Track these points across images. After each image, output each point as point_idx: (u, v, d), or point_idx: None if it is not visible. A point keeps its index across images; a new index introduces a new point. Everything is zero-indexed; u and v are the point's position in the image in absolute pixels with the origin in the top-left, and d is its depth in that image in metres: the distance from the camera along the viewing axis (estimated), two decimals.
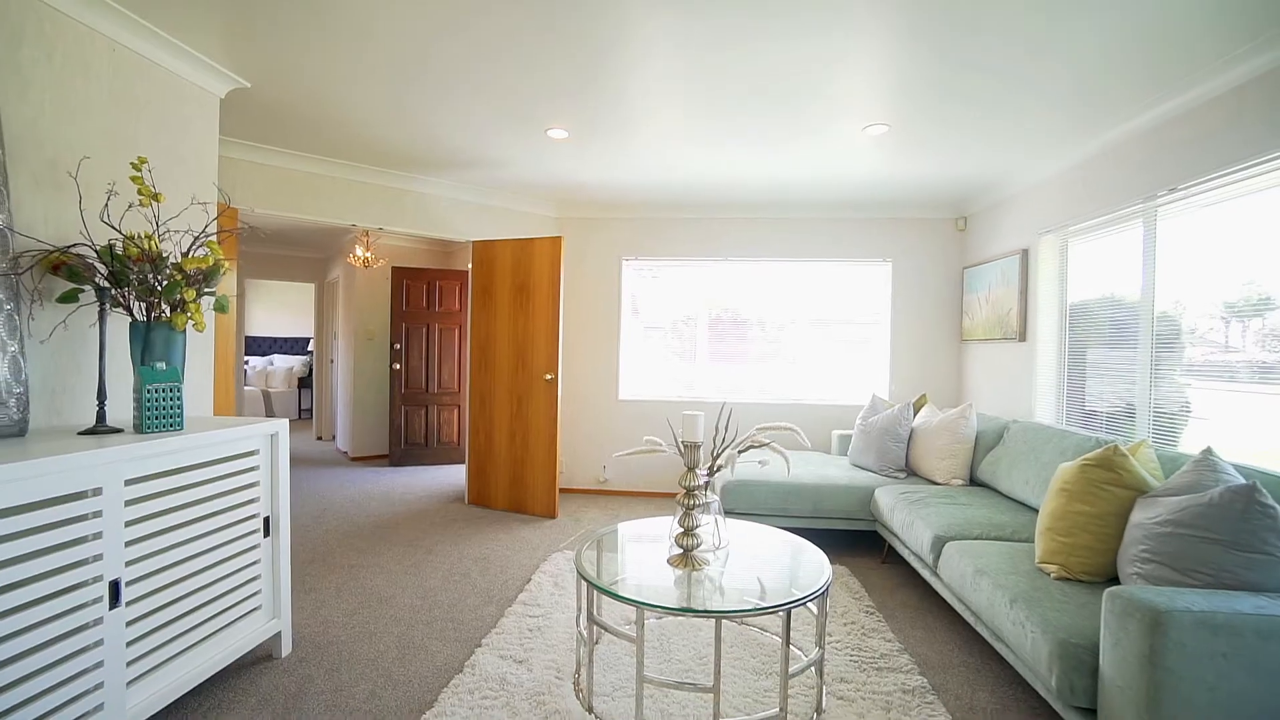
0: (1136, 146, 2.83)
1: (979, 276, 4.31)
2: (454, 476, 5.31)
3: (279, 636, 2.21)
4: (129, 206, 2.04)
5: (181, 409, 1.89)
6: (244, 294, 7.50)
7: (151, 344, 1.93)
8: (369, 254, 5.02)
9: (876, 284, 4.76)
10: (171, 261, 1.94)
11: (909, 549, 2.87)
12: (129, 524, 1.62)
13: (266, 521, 2.15)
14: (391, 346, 5.80)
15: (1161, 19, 1.97)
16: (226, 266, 2.07)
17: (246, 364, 9.10)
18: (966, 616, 2.26)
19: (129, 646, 1.62)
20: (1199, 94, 2.43)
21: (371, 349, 6.14)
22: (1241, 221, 2.39)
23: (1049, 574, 2.01)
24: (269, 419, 2.16)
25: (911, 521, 2.80)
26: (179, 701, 1.89)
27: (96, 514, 1.53)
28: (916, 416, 3.77)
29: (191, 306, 1.94)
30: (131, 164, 1.95)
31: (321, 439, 7.16)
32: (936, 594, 2.90)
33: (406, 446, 5.81)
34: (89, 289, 1.88)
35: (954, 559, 2.35)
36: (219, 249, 1.98)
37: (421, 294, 5.87)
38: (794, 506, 3.41)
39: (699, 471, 2.06)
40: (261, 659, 2.18)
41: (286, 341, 10.25)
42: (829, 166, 3.62)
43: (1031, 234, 3.71)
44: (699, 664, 2.18)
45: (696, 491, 2.04)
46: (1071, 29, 2.05)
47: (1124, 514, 1.89)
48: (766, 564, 2.04)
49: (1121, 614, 1.44)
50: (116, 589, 1.58)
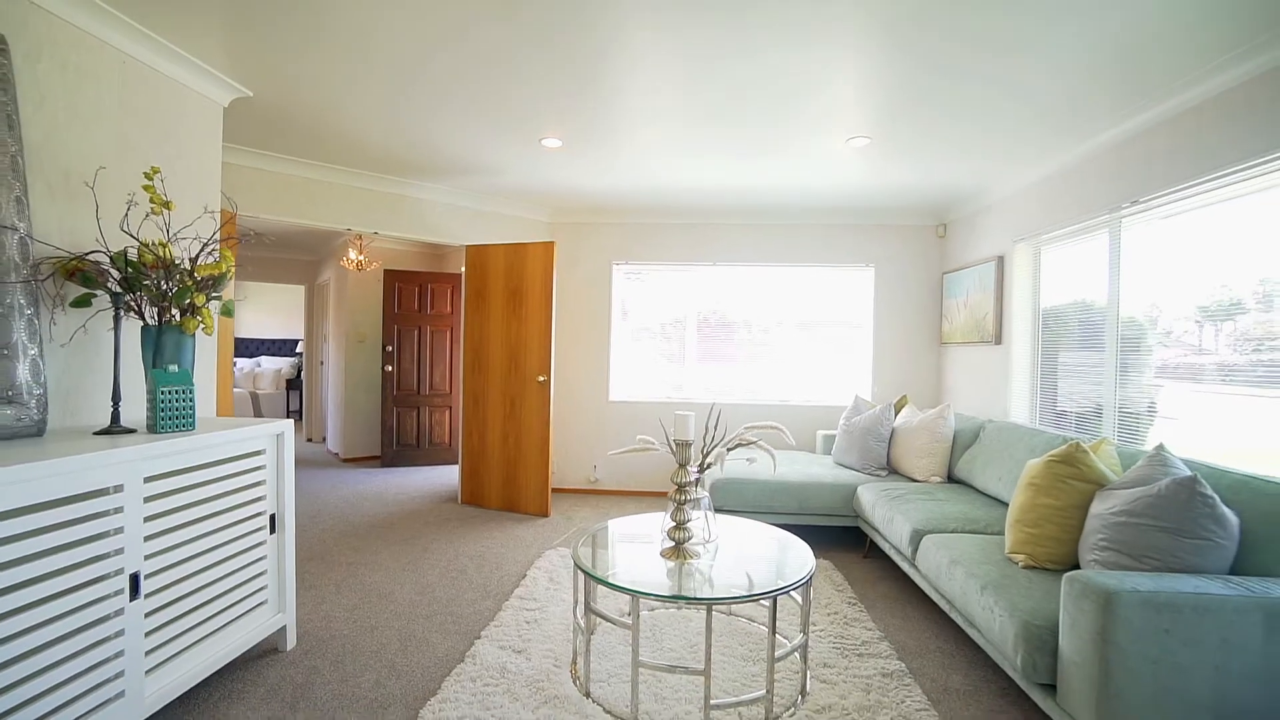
0: (1102, 161, 3.00)
1: (958, 282, 4.47)
2: (446, 477, 5.38)
3: (284, 630, 2.28)
4: (145, 216, 2.11)
5: (193, 410, 1.96)
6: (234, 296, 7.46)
7: (162, 347, 2.00)
8: (362, 257, 5.07)
9: (860, 288, 4.91)
10: (182, 267, 2.01)
11: (889, 543, 3.01)
12: (147, 519, 1.70)
13: (272, 519, 2.23)
14: (384, 348, 5.85)
15: (1122, 47, 2.12)
16: (233, 272, 2.15)
17: (235, 365, 9.07)
18: (942, 605, 2.40)
19: (147, 637, 1.69)
20: (1160, 112, 2.59)
21: (363, 351, 6.19)
22: (1199, 232, 2.55)
23: (1017, 563, 2.14)
24: (274, 420, 2.24)
25: (892, 517, 2.94)
26: (191, 692, 1.96)
27: (118, 510, 1.61)
28: (897, 417, 3.91)
29: (203, 311, 2.01)
30: (144, 174, 2.02)
31: (312, 440, 7.18)
32: (915, 585, 3.03)
33: (398, 447, 5.86)
34: (100, 294, 1.95)
35: (931, 551, 2.48)
36: (231, 256, 2.05)
37: (413, 297, 5.93)
38: (780, 504, 3.54)
39: (690, 469, 2.17)
40: (268, 652, 2.25)
41: (274, 343, 10.22)
42: (814, 175, 3.76)
43: (1007, 241, 3.87)
44: (690, 652, 2.29)
45: (688, 487, 2.15)
46: (1042, 57, 2.19)
47: (1085, 506, 2.03)
48: (754, 556, 2.15)
49: (1078, 596, 1.57)
50: (136, 582, 1.65)
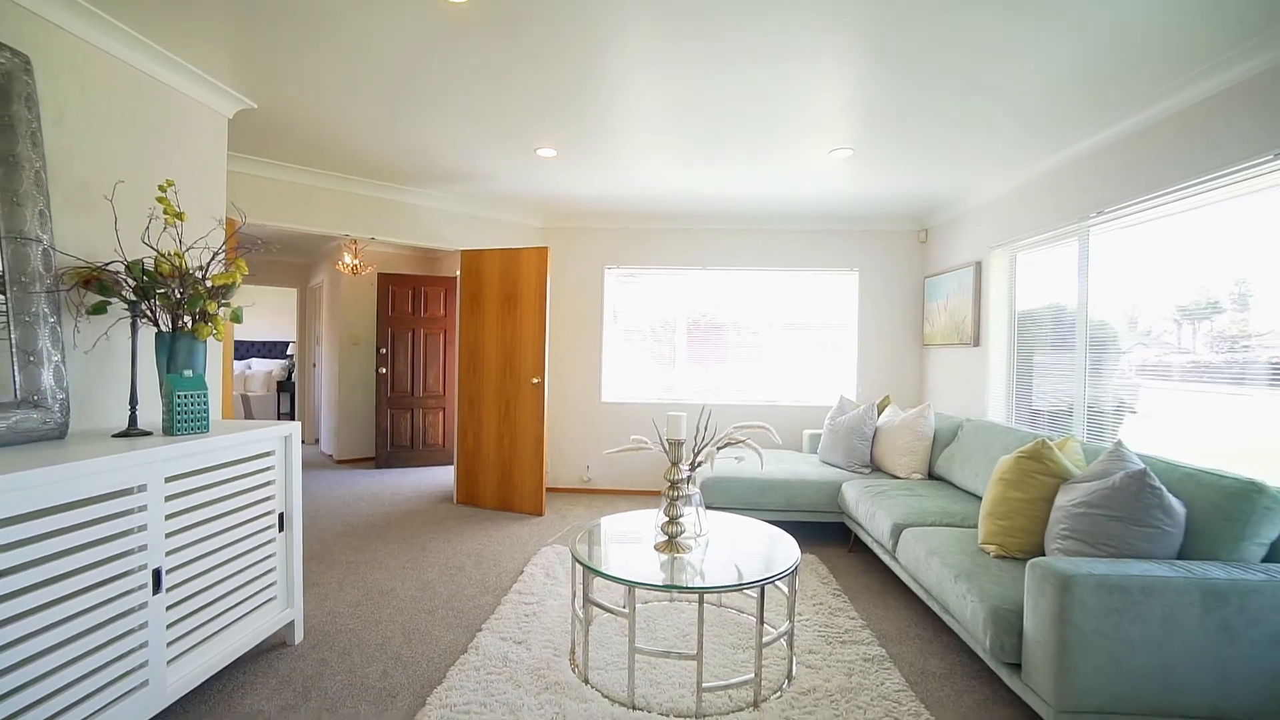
0: (1070, 173, 3.16)
1: (938, 286, 4.63)
2: (440, 477, 5.46)
3: (292, 625, 2.37)
4: (162, 229, 2.19)
5: (208, 413, 2.05)
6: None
7: (176, 353, 2.08)
8: (358, 261, 5.14)
9: (845, 291, 5.06)
10: (196, 276, 2.10)
11: (872, 537, 3.15)
12: (167, 518, 1.78)
13: (281, 517, 2.31)
14: (378, 351, 5.92)
15: (1082, 71, 2.27)
16: (241, 279, 2.24)
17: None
18: (920, 594, 2.53)
19: (168, 629, 1.78)
20: (1121, 129, 2.75)
21: (357, 353, 6.25)
22: (1160, 240, 2.71)
23: (989, 553, 2.29)
24: (282, 422, 2.32)
25: (874, 512, 3.07)
26: (207, 683, 2.05)
27: (142, 508, 1.69)
28: (880, 416, 4.06)
29: (215, 318, 2.10)
30: (159, 186, 2.10)
31: (305, 442, 7.22)
32: (896, 578, 3.17)
33: (393, 449, 5.93)
34: (115, 301, 2.03)
35: (910, 543, 2.62)
36: (244, 265, 2.14)
37: (407, 300, 6.00)
38: (768, 500, 3.67)
39: (682, 466, 2.29)
40: (277, 646, 2.34)
41: (264, 345, 10.21)
42: (800, 184, 3.90)
43: (984, 247, 4.03)
44: (682, 640, 2.40)
45: (680, 484, 2.27)
46: (1018, 70, 2.33)
47: (1051, 499, 2.17)
48: (743, 550, 2.28)
49: (1039, 581, 1.70)
50: (158, 577, 1.74)
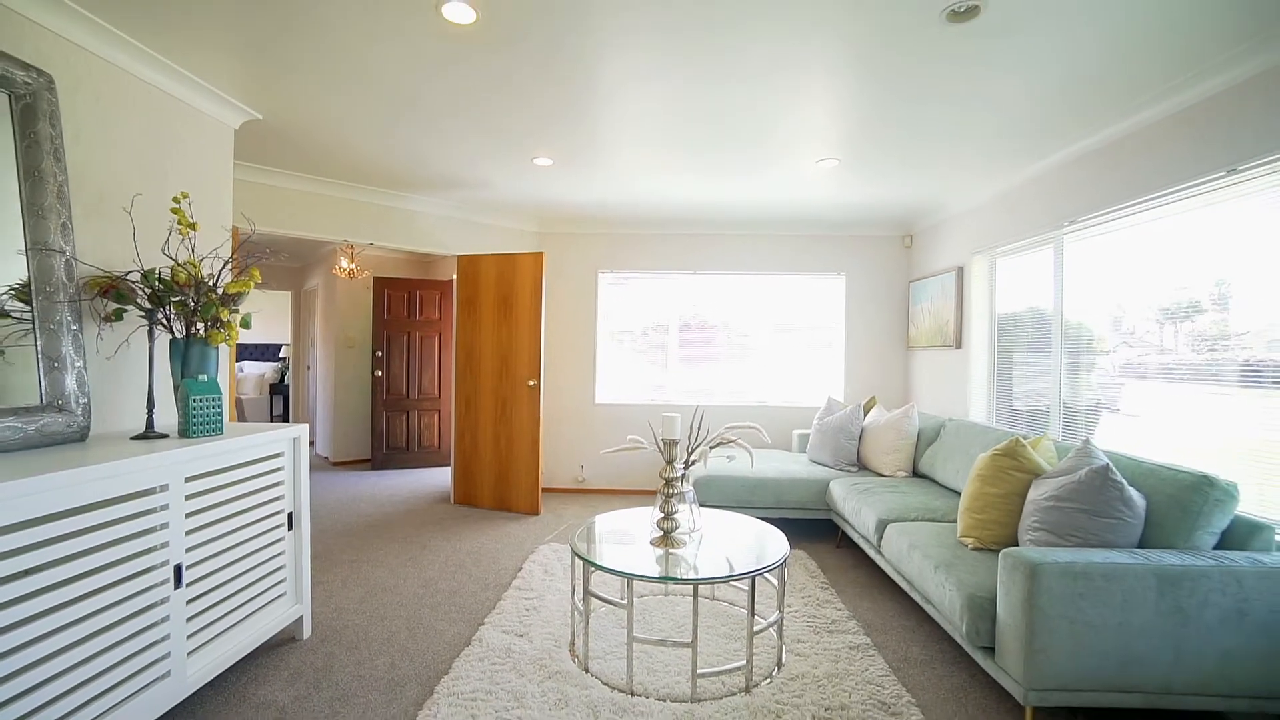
0: (1047, 182, 3.31)
1: (922, 289, 4.78)
2: (437, 478, 5.53)
3: (301, 620, 2.45)
4: (181, 240, 2.27)
5: (222, 416, 2.13)
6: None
7: (190, 358, 2.16)
8: (354, 265, 5.21)
9: (832, 295, 5.20)
10: (210, 284, 2.18)
11: (858, 532, 3.27)
12: (187, 516, 1.87)
13: (290, 516, 2.40)
14: (373, 354, 5.99)
15: (1067, 78, 2.41)
16: (254, 287, 2.32)
17: None
18: (903, 585, 2.66)
19: (188, 622, 1.86)
20: (1092, 142, 2.90)
21: (352, 356, 6.31)
22: (1131, 246, 2.86)
23: (967, 545, 2.42)
24: (291, 425, 2.41)
25: (860, 508, 3.20)
26: (222, 675, 2.13)
27: (164, 507, 1.78)
28: (866, 416, 4.20)
29: (228, 324, 2.18)
30: (174, 198, 2.19)
31: None
32: (882, 572, 3.30)
33: (388, 450, 5.99)
34: (131, 309, 2.11)
35: (894, 538, 2.75)
36: (258, 274, 2.22)
37: (402, 303, 6.07)
38: (758, 498, 3.79)
39: (676, 465, 2.40)
40: (286, 641, 2.42)
41: (256, 348, 10.20)
42: (787, 191, 4.02)
43: (966, 253, 4.18)
44: (677, 631, 2.51)
45: (675, 482, 2.38)
46: (997, 87, 2.47)
47: (1024, 493, 2.30)
48: (734, 544, 2.39)
49: (1010, 569, 1.83)
50: (179, 572, 1.82)
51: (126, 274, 2.06)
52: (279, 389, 9.30)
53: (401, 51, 2.27)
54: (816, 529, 4.06)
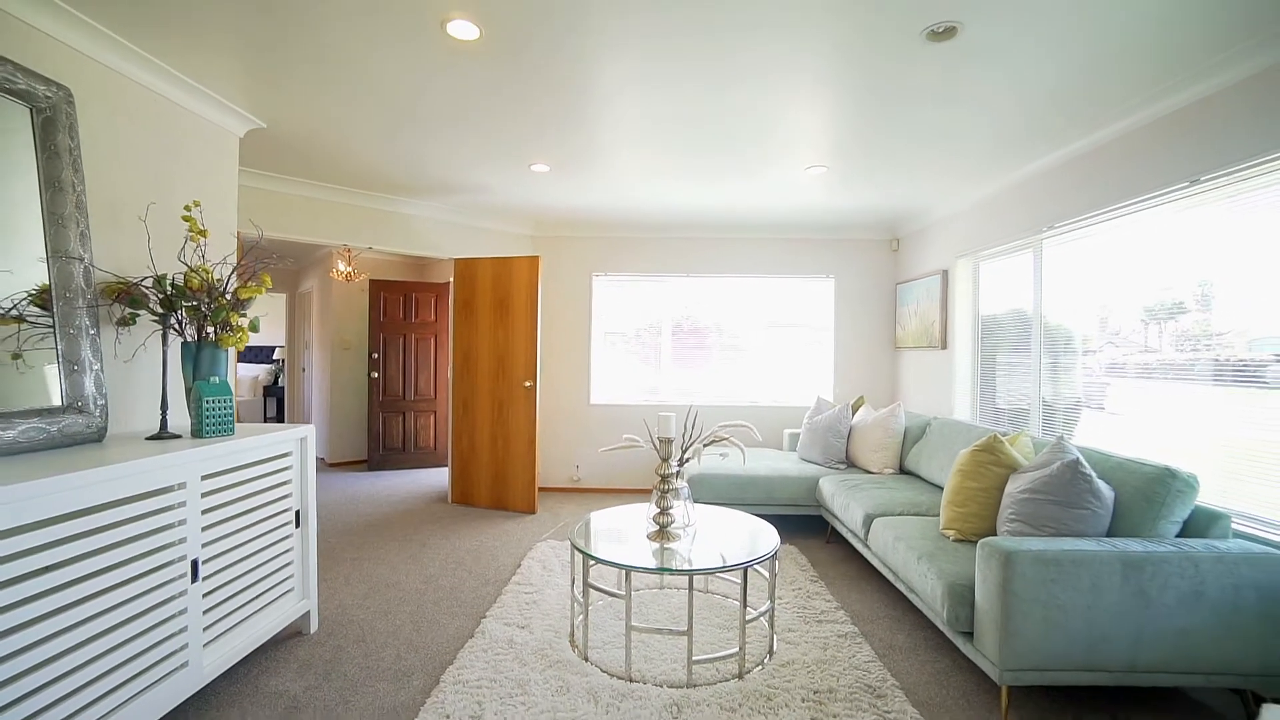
0: (1027, 189, 3.45)
1: (909, 292, 4.91)
2: (433, 478, 5.60)
3: (308, 615, 2.53)
4: (195, 247, 2.34)
5: (233, 417, 2.21)
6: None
7: (201, 361, 2.24)
8: (351, 268, 5.27)
9: (822, 297, 5.33)
10: (221, 289, 2.25)
11: (846, 527, 3.39)
12: (203, 513, 1.94)
13: (297, 514, 2.47)
14: (370, 355, 6.05)
15: (1040, 94, 2.54)
16: (263, 291, 2.40)
17: None
18: (889, 576, 2.77)
19: (204, 615, 1.94)
20: (1069, 151, 3.04)
21: (348, 358, 6.36)
22: (1106, 249, 3.00)
23: (949, 537, 2.53)
24: (299, 425, 2.48)
25: (848, 504, 3.31)
26: (235, 667, 2.21)
27: (182, 504, 1.85)
28: (855, 415, 4.32)
29: (240, 328, 2.26)
30: (185, 206, 2.26)
31: None
32: (870, 566, 3.41)
33: (385, 451, 6.05)
34: (143, 313, 2.18)
35: (880, 531, 2.86)
36: (269, 279, 2.30)
37: (398, 305, 6.14)
38: (751, 496, 3.89)
39: (671, 462, 2.50)
40: (294, 635, 2.50)
41: (250, 350, 10.19)
42: (777, 197, 4.14)
43: (950, 256, 4.31)
44: (673, 622, 2.61)
45: (670, 478, 2.48)
46: (973, 108, 2.59)
47: (1002, 487, 2.42)
48: (727, 537, 2.49)
49: (987, 557, 1.94)
50: (196, 567, 1.90)
51: (141, 280, 2.13)
52: (273, 391, 9.31)
53: (404, 64, 2.35)
54: (807, 525, 4.17)
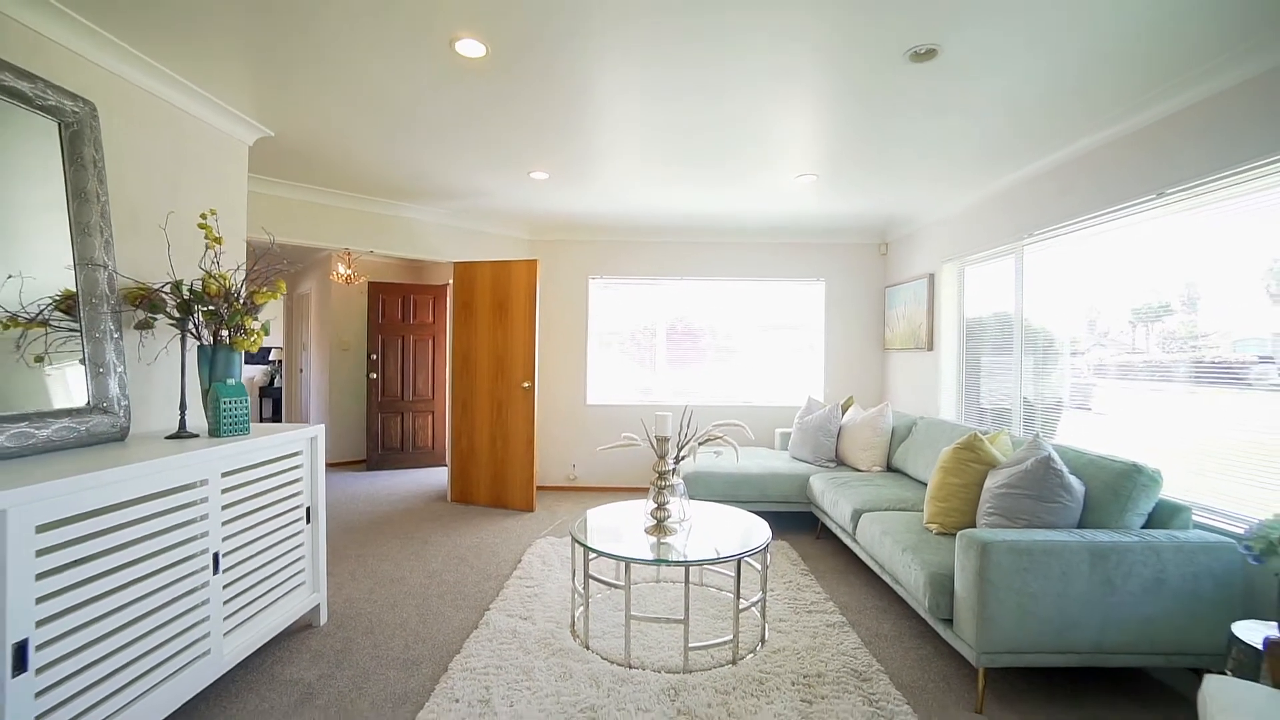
0: (1008, 199, 3.59)
1: (897, 295, 5.05)
2: (432, 478, 5.69)
3: (318, 608, 2.62)
4: (214, 254, 2.43)
5: (248, 417, 2.30)
6: None
7: (217, 364, 2.33)
8: (351, 271, 5.35)
9: (812, 300, 5.46)
10: (238, 294, 2.35)
11: (835, 522, 3.51)
12: (223, 508, 2.04)
13: (308, 511, 2.57)
14: (368, 357, 6.12)
15: (1017, 109, 2.67)
16: (278, 297, 2.49)
17: None
18: (875, 569, 2.90)
19: (225, 605, 2.03)
20: (1047, 162, 3.18)
21: (346, 359, 6.43)
22: (1077, 258, 3.14)
23: (932, 531, 2.66)
24: (309, 425, 2.58)
25: (837, 500, 3.44)
26: (251, 657, 2.30)
27: (204, 499, 1.95)
28: (844, 415, 4.45)
29: (255, 331, 2.35)
30: (201, 215, 2.35)
31: None
32: (858, 560, 3.54)
33: (383, 451, 6.13)
34: (160, 317, 2.27)
35: (867, 526, 2.99)
36: (283, 285, 2.39)
37: (396, 307, 6.22)
38: (743, 493, 4.01)
39: (668, 460, 2.62)
40: (304, 627, 2.59)
41: (246, 352, 10.22)
42: (769, 202, 4.26)
43: (937, 261, 4.45)
44: (670, 611, 2.72)
45: (667, 475, 2.59)
46: (957, 116, 2.72)
47: (981, 483, 2.55)
48: (721, 532, 2.61)
49: (965, 548, 2.07)
50: (217, 560, 1.99)
51: (161, 286, 2.22)
52: (269, 392, 9.35)
53: (412, 79, 2.45)
54: (798, 521, 4.30)
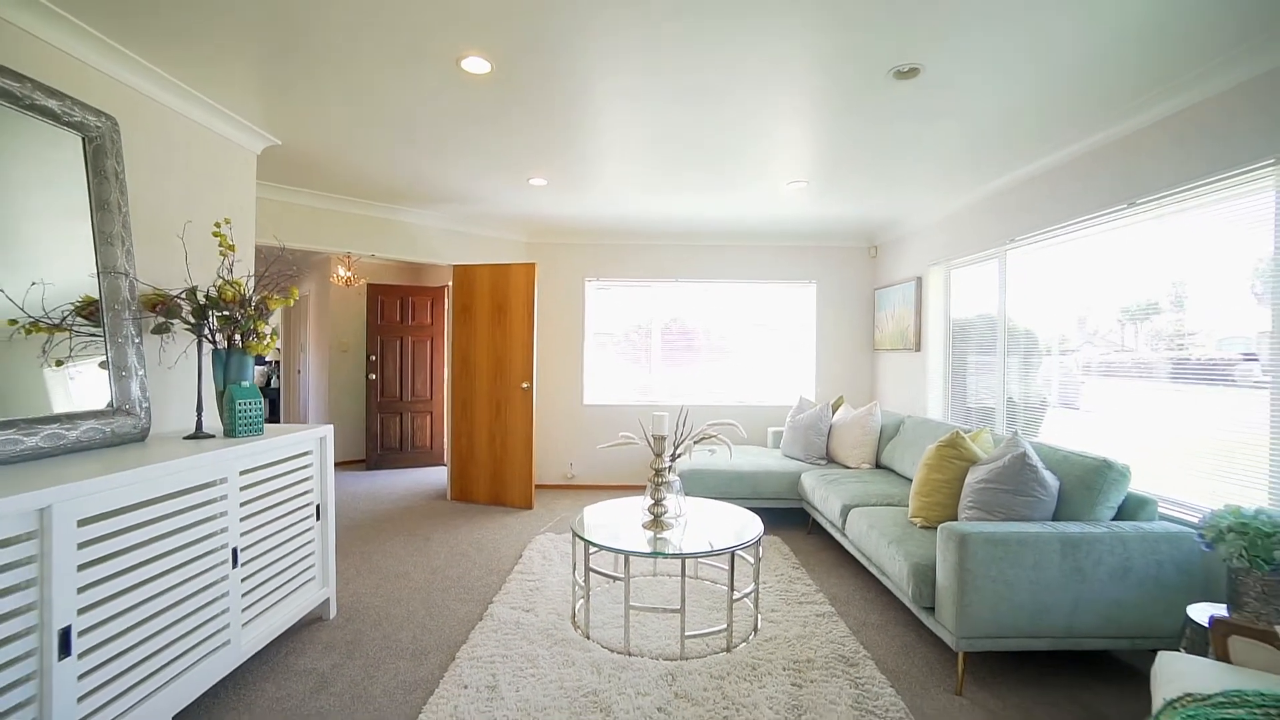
0: (991, 205, 3.73)
1: (886, 297, 5.19)
2: (431, 477, 5.78)
3: (327, 602, 2.72)
4: (224, 261, 2.52)
5: (262, 418, 2.39)
6: None
7: (230, 367, 2.42)
8: (350, 273, 5.42)
9: (804, 301, 5.59)
10: (252, 300, 2.44)
11: (825, 518, 3.64)
12: (241, 505, 2.13)
13: (318, 508, 2.66)
14: (368, 358, 6.20)
15: (998, 122, 2.80)
16: (290, 302, 2.58)
17: None
18: (863, 562, 3.02)
19: (243, 598, 2.13)
20: (1028, 170, 3.31)
21: (345, 360, 6.51)
22: (1056, 260, 3.28)
23: (916, 524, 2.79)
24: (319, 425, 2.67)
25: (827, 496, 3.56)
26: (265, 649, 2.39)
27: (224, 497, 2.04)
28: (835, 414, 4.58)
29: (268, 335, 2.45)
30: (215, 223, 2.44)
31: None
32: (847, 553, 3.67)
33: (382, 451, 6.22)
34: (177, 322, 2.36)
35: (855, 520, 3.11)
36: (296, 291, 2.49)
37: (395, 309, 6.30)
38: (737, 490, 4.13)
39: (665, 457, 2.73)
40: (315, 620, 2.69)
41: None
42: (762, 207, 4.38)
43: (924, 264, 4.59)
44: (667, 603, 2.84)
45: (663, 472, 2.71)
46: (942, 128, 2.85)
47: (963, 478, 2.68)
48: (716, 526, 2.73)
49: (946, 540, 2.19)
50: (235, 554, 2.09)
51: (179, 294, 2.31)
52: (266, 392, 9.39)
53: (418, 92, 2.55)
54: (789, 517, 4.42)
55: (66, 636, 1.44)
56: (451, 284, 4.90)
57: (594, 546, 2.46)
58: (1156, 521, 2.21)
